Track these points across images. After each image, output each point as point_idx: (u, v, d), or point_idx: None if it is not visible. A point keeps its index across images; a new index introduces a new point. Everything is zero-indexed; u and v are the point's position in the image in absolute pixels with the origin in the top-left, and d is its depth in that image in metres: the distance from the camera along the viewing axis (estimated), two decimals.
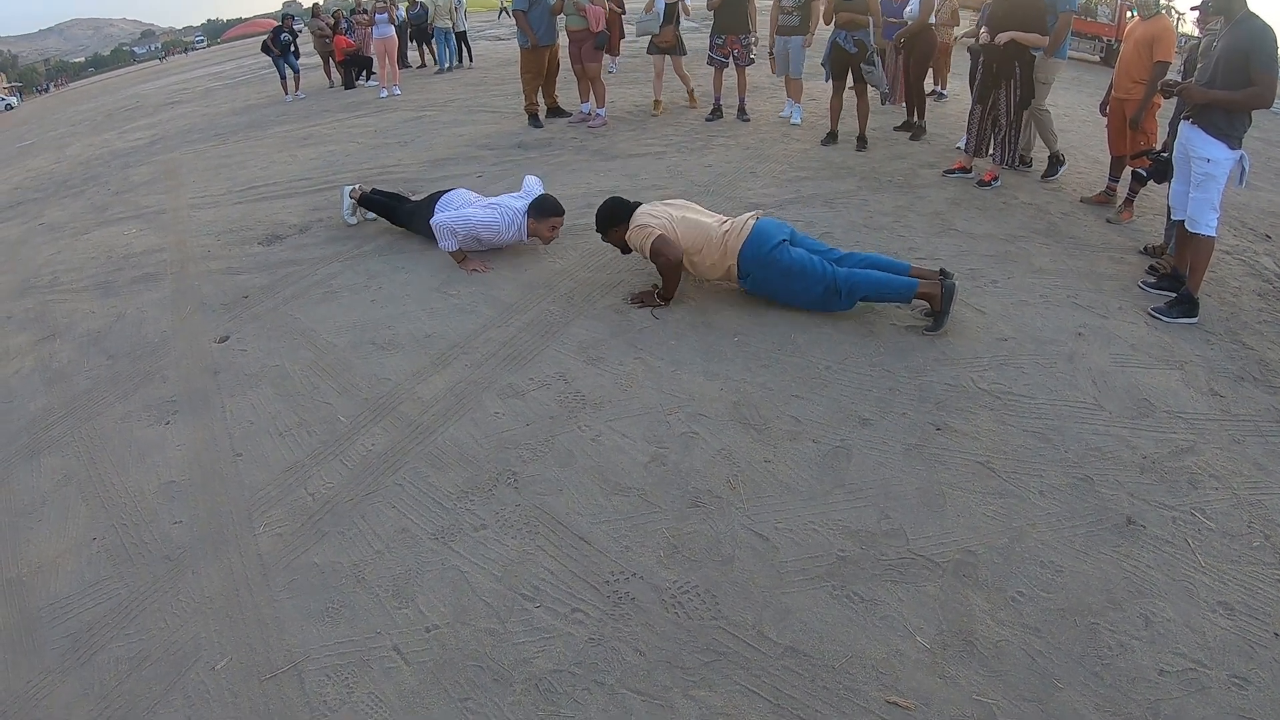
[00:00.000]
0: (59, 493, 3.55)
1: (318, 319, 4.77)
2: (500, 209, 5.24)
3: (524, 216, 5.22)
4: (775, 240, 4.23)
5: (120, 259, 6.31)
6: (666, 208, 4.56)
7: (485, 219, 5.18)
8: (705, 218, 4.51)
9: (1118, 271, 4.81)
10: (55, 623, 2.86)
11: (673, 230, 4.36)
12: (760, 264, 4.26)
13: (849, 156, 7.30)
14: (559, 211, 5.20)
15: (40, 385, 4.48)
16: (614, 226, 4.62)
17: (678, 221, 4.41)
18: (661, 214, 4.46)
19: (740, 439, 3.43)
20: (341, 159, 8.69)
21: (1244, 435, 3.34)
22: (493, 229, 5.20)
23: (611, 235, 4.67)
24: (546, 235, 5.24)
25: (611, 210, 4.63)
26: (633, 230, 4.45)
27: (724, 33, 8.58)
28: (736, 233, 4.31)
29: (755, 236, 4.27)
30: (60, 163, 12.03)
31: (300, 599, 2.82)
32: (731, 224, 4.39)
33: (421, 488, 3.30)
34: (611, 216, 4.62)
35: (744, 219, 4.38)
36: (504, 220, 5.20)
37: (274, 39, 14.20)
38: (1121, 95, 5.62)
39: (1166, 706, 2.24)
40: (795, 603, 2.63)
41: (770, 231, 4.28)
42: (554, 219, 5.19)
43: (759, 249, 4.24)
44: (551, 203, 5.20)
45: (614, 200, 4.69)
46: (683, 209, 4.57)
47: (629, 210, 4.58)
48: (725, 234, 4.34)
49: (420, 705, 2.40)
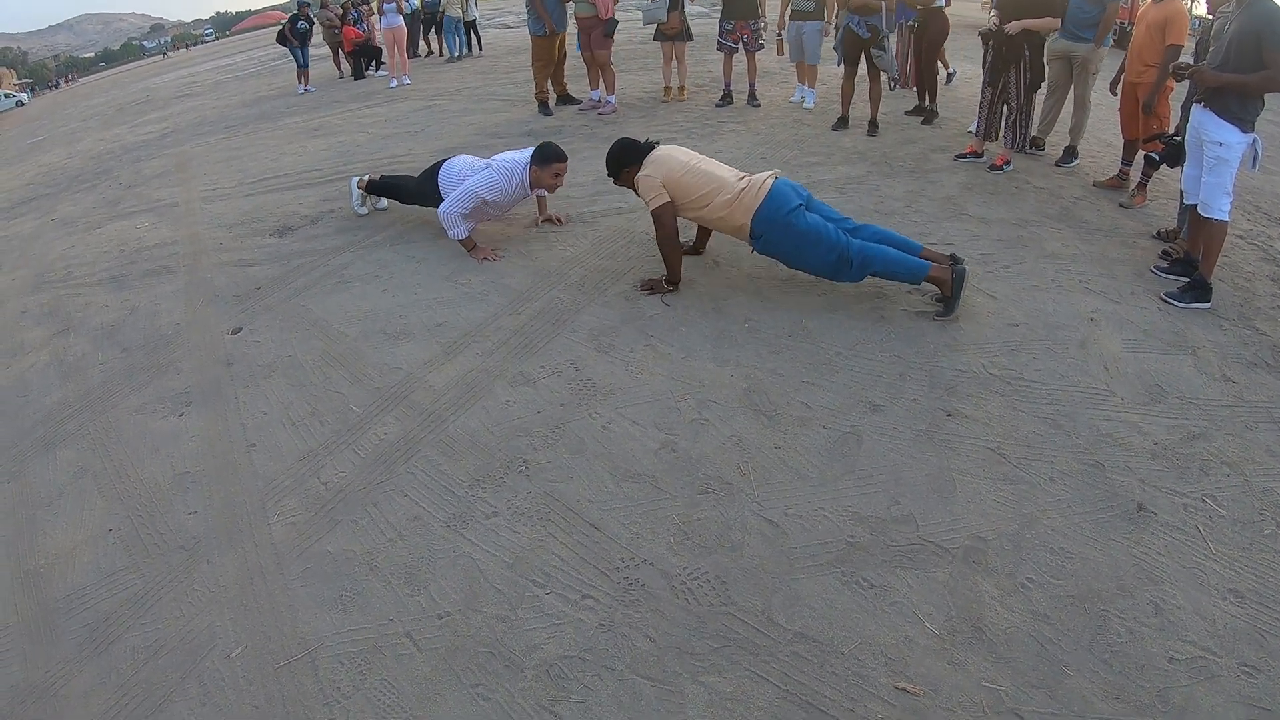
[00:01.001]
0: (75, 485, 3.59)
1: (329, 309, 4.79)
2: (497, 167, 5.11)
3: (525, 167, 5.10)
4: (793, 204, 4.15)
5: (133, 252, 6.35)
6: (685, 156, 4.45)
7: (485, 183, 5.04)
8: (722, 171, 4.39)
9: (1130, 256, 4.78)
10: (73, 613, 2.90)
11: (678, 178, 4.27)
12: (775, 226, 4.17)
13: (860, 141, 7.26)
14: (562, 157, 5.08)
15: (55, 379, 4.52)
16: (624, 168, 4.52)
17: (691, 170, 4.32)
18: (673, 162, 4.36)
19: (751, 425, 3.43)
20: (352, 149, 8.70)
21: (1256, 422, 3.32)
22: (495, 189, 5.06)
23: (623, 177, 4.57)
24: (550, 183, 5.14)
25: (623, 151, 4.53)
26: (641, 178, 4.37)
27: (733, 18, 8.54)
28: (754, 192, 4.20)
29: (773, 198, 4.17)
30: (72, 158, 12.08)
31: (314, 587, 2.85)
32: (749, 181, 4.28)
33: (433, 476, 3.32)
34: (623, 158, 4.52)
35: (762, 177, 4.28)
36: (503, 176, 5.07)
37: (292, 28, 14.03)
38: (1134, 79, 5.56)
39: (1176, 694, 2.23)
40: (805, 589, 2.64)
41: (788, 194, 4.20)
42: (557, 164, 5.07)
43: (775, 211, 4.15)
44: (553, 149, 5.07)
45: (625, 141, 4.59)
46: (701, 160, 4.46)
47: (642, 152, 4.47)
48: (742, 190, 4.23)
49: (432, 691, 2.42)
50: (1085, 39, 6.11)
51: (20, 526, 3.38)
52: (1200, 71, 4.07)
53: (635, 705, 2.32)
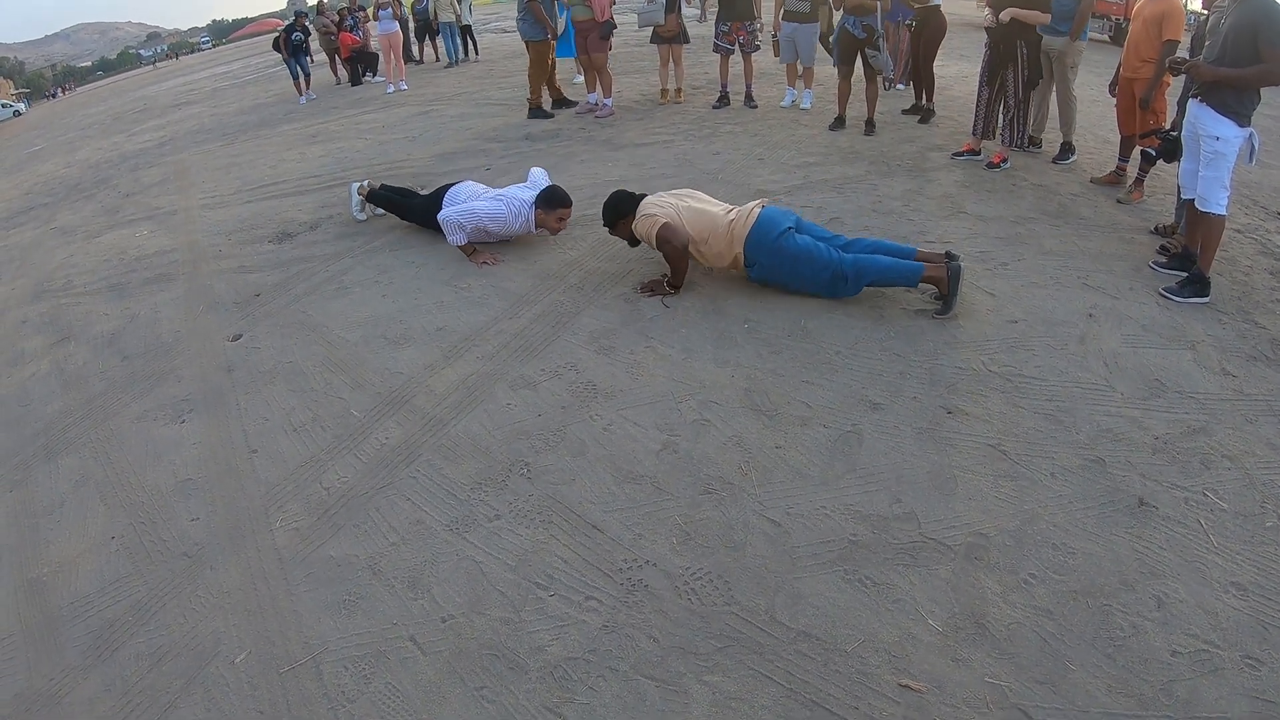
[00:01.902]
0: (78, 493, 3.59)
1: (330, 315, 4.80)
2: (506, 200, 5.22)
3: (531, 208, 5.21)
4: (781, 227, 4.24)
5: (133, 260, 6.36)
6: (673, 198, 4.58)
7: (491, 211, 5.16)
8: (712, 207, 4.52)
9: (1128, 252, 4.78)
10: (77, 620, 2.90)
11: (678, 219, 4.37)
12: (767, 251, 4.26)
13: (857, 141, 7.27)
14: (567, 203, 5.21)
15: (57, 387, 4.53)
16: (620, 219, 4.66)
17: (684, 210, 4.43)
18: (667, 204, 4.48)
19: (751, 425, 3.44)
20: (350, 155, 8.72)
21: (1257, 415, 3.32)
22: (500, 221, 5.18)
23: (619, 228, 4.71)
24: (554, 226, 5.25)
25: (617, 203, 4.68)
26: (639, 220, 4.48)
27: (730, 20, 8.56)
28: (743, 221, 4.31)
29: (761, 224, 4.27)
30: (70, 166, 12.11)
31: (317, 592, 2.85)
32: (737, 212, 4.39)
33: (435, 480, 3.32)
34: (617, 209, 4.66)
35: (749, 207, 4.39)
36: (510, 211, 5.19)
37: (286, 38, 13.91)
38: (1130, 74, 5.56)
39: (1179, 688, 2.23)
40: (807, 587, 2.64)
41: (776, 219, 4.30)
42: (561, 210, 5.20)
43: (765, 236, 4.25)
44: (559, 194, 5.20)
45: (618, 193, 4.73)
46: (688, 198, 4.58)
47: (634, 202, 4.60)
48: (731, 222, 4.34)
49: (437, 694, 2.43)
50: (1061, 32, 6.14)
51: (23, 535, 3.39)
52: (1196, 66, 4.07)
53: (640, 706, 2.32)
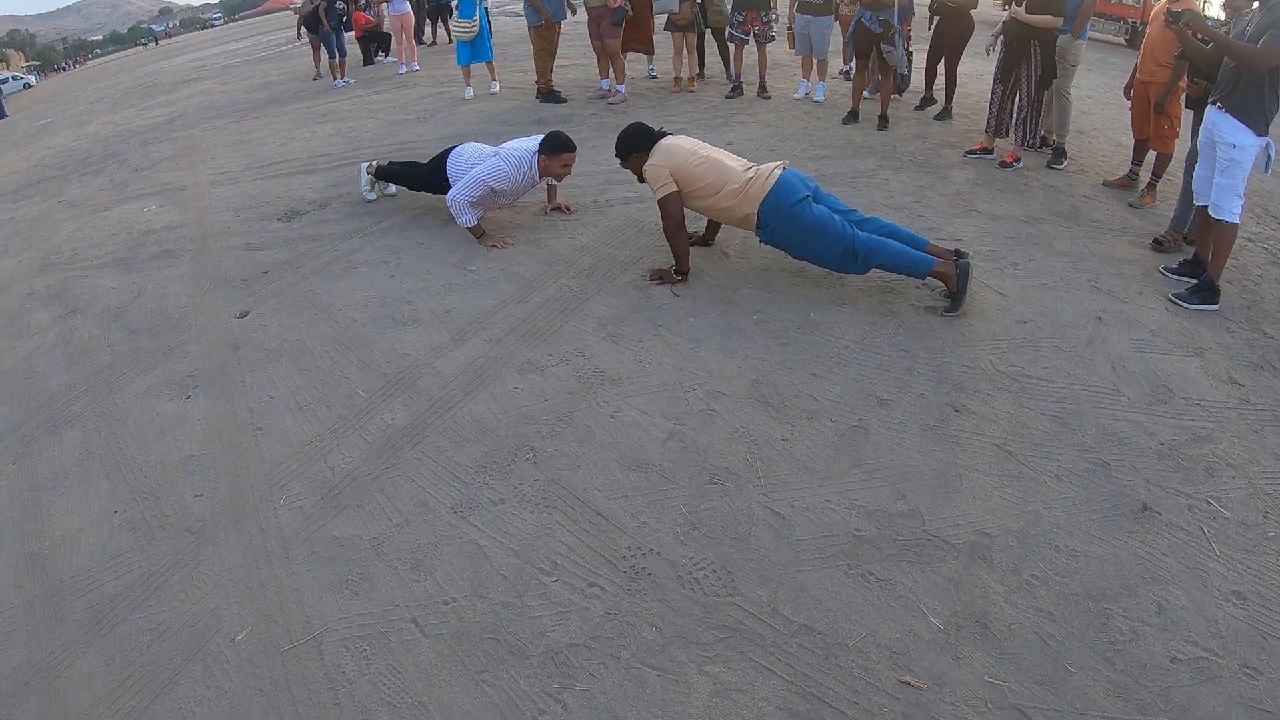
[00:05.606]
0: (81, 467, 3.60)
1: (337, 294, 4.80)
2: (505, 154, 5.11)
3: (534, 155, 5.10)
4: (799, 195, 4.16)
5: (140, 235, 6.36)
6: (691, 144, 4.47)
7: (493, 171, 5.04)
8: (730, 160, 4.41)
9: (1139, 256, 4.76)
10: (77, 595, 2.91)
11: (686, 167, 4.29)
12: (781, 217, 4.18)
13: (870, 135, 7.24)
14: (570, 147, 5.07)
15: (62, 361, 4.54)
16: (634, 153, 4.54)
17: (699, 160, 4.33)
18: (681, 152, 4.37)
19: (758, 417, 3.44)
20: (361, 135, 8.69)
21: (1262, 424, 3.31)
22: (503, 177, 5.06)
23: (631, 161, 4.59)
24: (559, 172, 5.15)
25: (634, 136, 4.55)
26: (650, 167, 4.38)
27: (744, 9, 8.51)
28: (761, 181, 4.22)
29: (780, 188, 4.18)
30: (80, 140, 12.09)
31: (320, 572, 2.86)
32: (756, 171, 4.30)
33: (440, 462, 3.33)
34: (633, 142, 4.54)
35: (769, 168, 4.29)
36: (511, 165, 5.06)
37: (328, 7, 12.50)
38: (1146, 78, 5.52)
39: (1178, 694, 2.24)
40: (810, 581, 2.65)
41: (795, 185, 4.20)
42: (565, 155, 5.07)
43: (782, 202, 4.16)
44: (562, 138, 5.06)
45: (637, 126, 4.60)
46: (706, 148, 4.47)
47: (652, 139, 4.49)
48: (749, 180, 4.25)
49: (437, 677, 2.43)
50: (1063, 30, 6.09)
51: (26, 508, 3.40)
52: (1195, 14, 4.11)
53: (641, 694, 2.33)
